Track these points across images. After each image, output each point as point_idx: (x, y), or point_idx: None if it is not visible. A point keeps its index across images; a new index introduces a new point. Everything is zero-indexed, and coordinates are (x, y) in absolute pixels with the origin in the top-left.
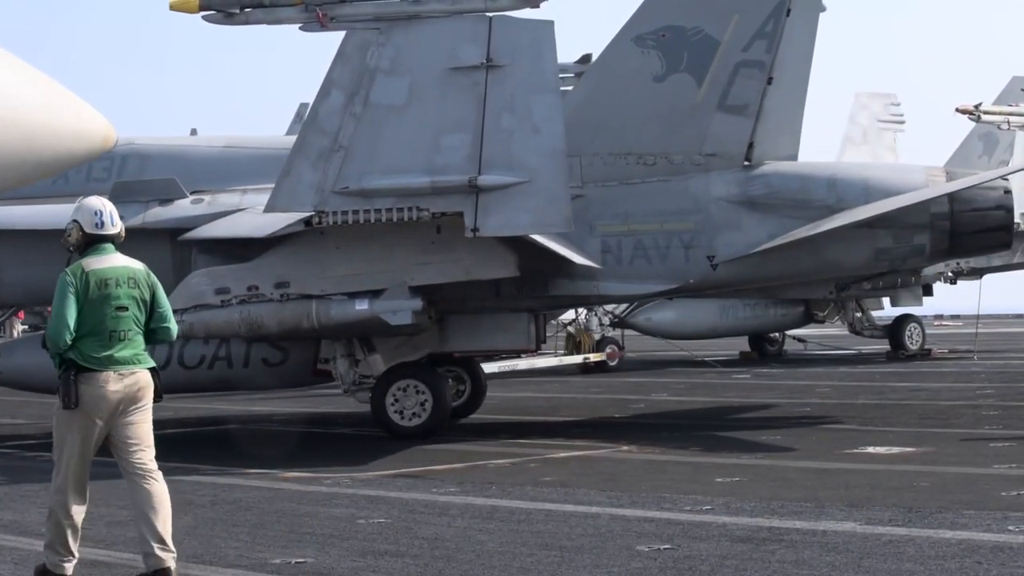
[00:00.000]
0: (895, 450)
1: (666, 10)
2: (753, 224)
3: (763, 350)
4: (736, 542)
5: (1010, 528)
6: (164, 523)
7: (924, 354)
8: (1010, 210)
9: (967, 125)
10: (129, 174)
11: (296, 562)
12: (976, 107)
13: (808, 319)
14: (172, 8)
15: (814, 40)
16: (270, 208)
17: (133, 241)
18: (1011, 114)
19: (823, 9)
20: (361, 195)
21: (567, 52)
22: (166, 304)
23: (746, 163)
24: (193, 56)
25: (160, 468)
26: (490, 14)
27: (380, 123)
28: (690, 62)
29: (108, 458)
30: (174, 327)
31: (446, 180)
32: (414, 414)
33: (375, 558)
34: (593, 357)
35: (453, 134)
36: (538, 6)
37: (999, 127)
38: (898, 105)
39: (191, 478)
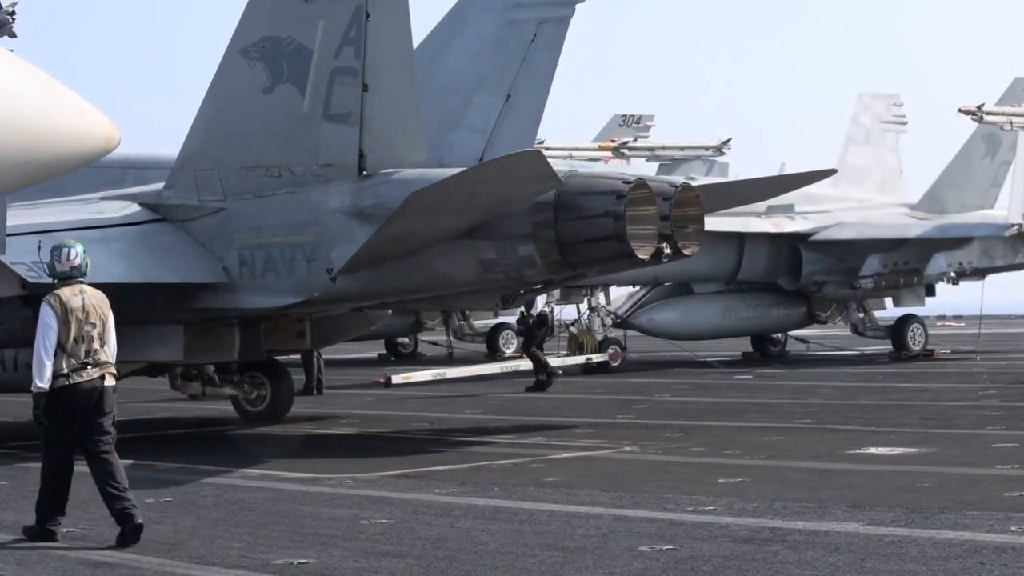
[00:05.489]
0: (898, 451)
1: (262, 21)
2: (363, 235)
3: (765, 351)
4: (739, 543)
5: (1013, 529)
6: None
7: (927, 355)
8: (620, 217)
9: (970, 126)
10: None
11: (298, 563)
12: (979, 108)
13: (810, 319)
14: None
15: (410, 43)
16: None
17: None
18: (1013, 115)
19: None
20: None
21: None
22: None
23: (364, 173)
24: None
25: (163, 468)
26: None
27: None
28: (290, 72)
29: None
30: None
31: None
32: None
33: (377, 559)
34: (596, 358)
35: None
36: (15, 36)
37: (1002, 128)
38: (901, 106)
39: (193, 478)
